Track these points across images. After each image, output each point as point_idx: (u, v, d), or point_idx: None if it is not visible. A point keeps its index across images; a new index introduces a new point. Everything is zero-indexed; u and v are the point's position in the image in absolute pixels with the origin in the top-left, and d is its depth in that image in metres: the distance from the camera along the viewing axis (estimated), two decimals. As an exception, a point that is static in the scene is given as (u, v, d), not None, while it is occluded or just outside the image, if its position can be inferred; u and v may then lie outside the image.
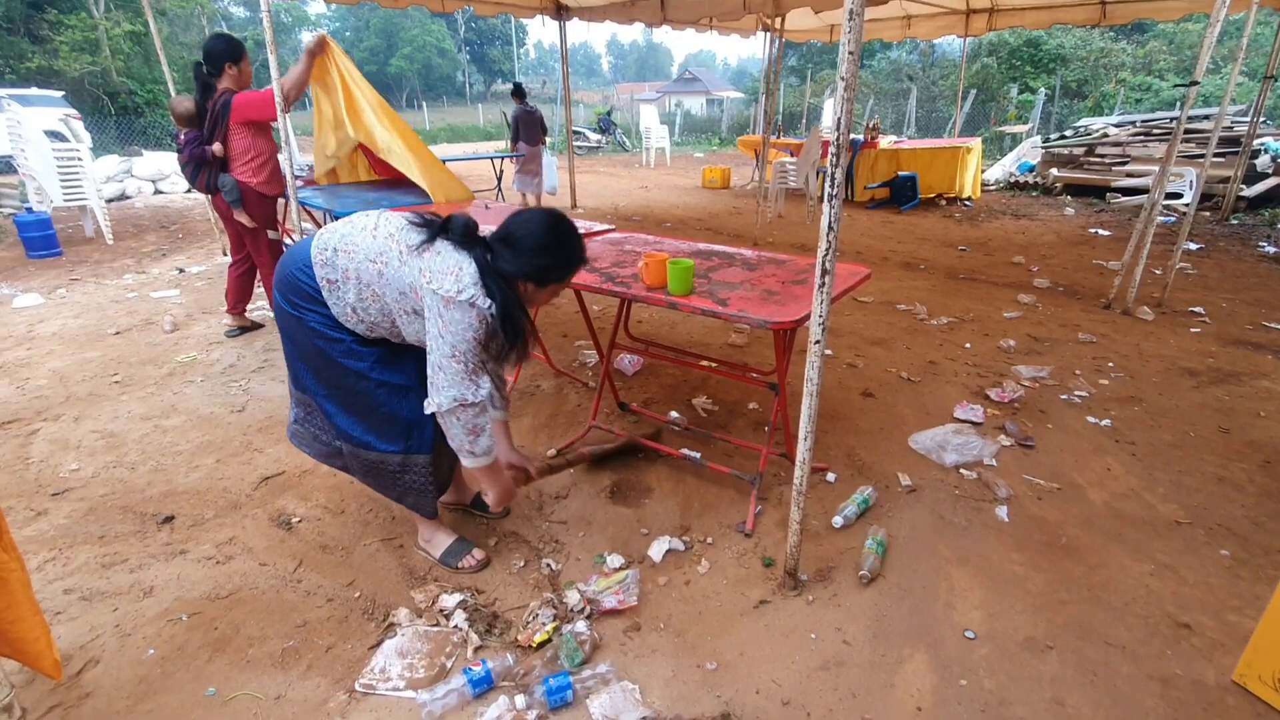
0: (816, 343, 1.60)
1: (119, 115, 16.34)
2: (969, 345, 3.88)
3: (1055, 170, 9.75)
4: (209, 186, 3.67)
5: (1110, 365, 3.58)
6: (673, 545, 2.12)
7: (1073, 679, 1.65)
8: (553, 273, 1.70)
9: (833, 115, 1.50)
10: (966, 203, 8.93)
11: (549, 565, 2.05)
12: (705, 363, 2.95)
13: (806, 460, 1.73)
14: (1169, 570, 2.03)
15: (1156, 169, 6.59)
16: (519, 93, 8.23)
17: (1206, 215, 7.71)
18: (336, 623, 1.83)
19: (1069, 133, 10.41)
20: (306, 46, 3.49)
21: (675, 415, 2.92)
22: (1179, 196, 7.58)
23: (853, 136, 8.96)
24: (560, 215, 1.73)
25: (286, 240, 4.91)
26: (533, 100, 9.14)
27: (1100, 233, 7.05)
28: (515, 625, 1.81)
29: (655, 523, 2.26)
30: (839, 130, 1.45)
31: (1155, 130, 9.07)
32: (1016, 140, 13.18)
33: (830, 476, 2.52)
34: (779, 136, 11.65)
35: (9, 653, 1.33)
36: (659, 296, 2.14)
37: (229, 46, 3.48)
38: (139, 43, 18.15)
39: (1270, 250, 6.17)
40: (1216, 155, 7.26)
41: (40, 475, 2.55)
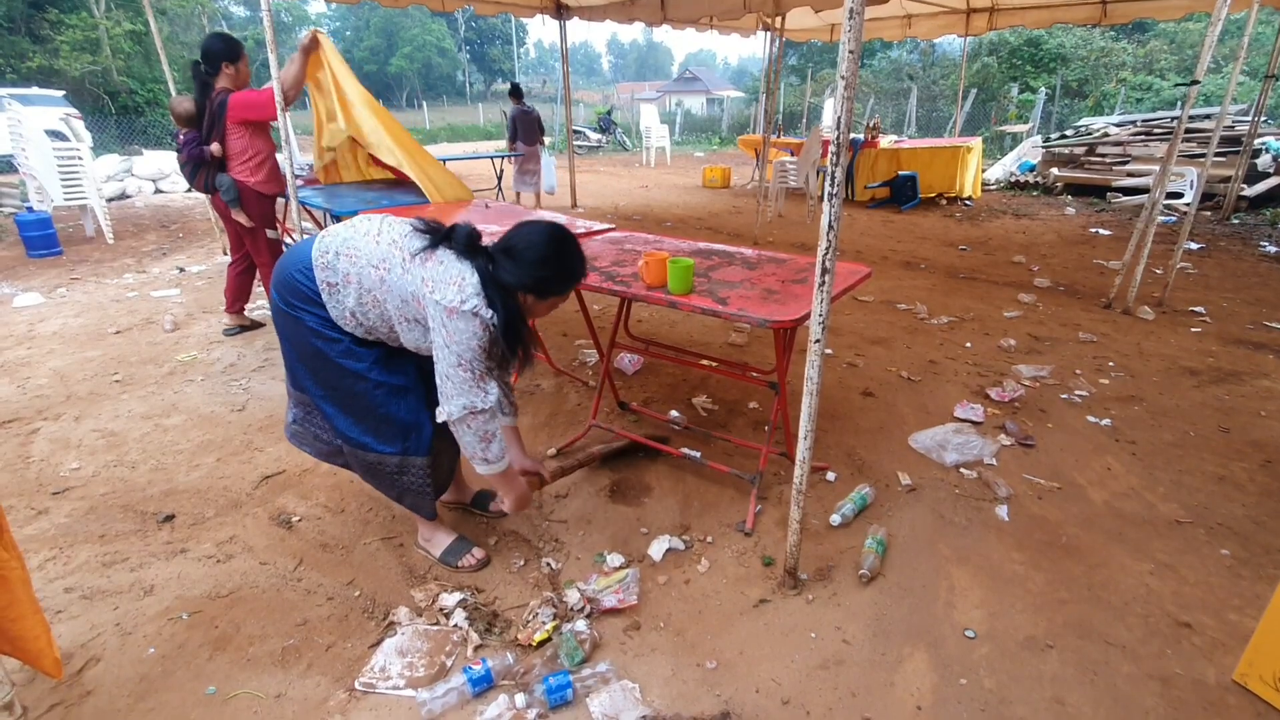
0: (816, 341, 1.60)
1: (119, 114, 16.35)
2: (969, 344, 3.88)
3: (1056, 170, 9.75)
4: (207, 186, 3.67)
5: (1111, 364, 3.58)
6: (673, 544, 2.12)
7: (1073, 678, 1.65)
8: (552, 285, 1.72)
9: (833, 114, 1.50)
10: (967, 202, 8.93)
11: (549, 564, 2.05)
12: (705, 362, 2.95)
13: (806, 459, 1.73)
14: (1169, 569, 2.03)
15: (1157, 168, 6.59)
16: (516, 93, 8.25)
17: (1207, 215, 7.70)
18: (337, 621, 1.83)
19: (1069, 132, 10.41)
20: (300, 43, 3.50)
21: (675, 414, 2.92)
22: (1179, 196, 7.57)
23: (853, 136, 8.95)
24: (562, 229, 1.74)
25: (287, 239, 4.92)
26: (533, 100, 9.17)
27: (1101, 232, 7.05)
28: (515, 624, 1.81)
29: (655, 522, 2.27)
30: (839, 129, 1.45)
31: (1156, 130, 9.07)
32: (1017, 140, 13.17)
33: (830, 476, 2.52)
34: (779, 136, 11.65)
35: (9, 651, 1.33)
36: (659, 295, 2.14)
37: (226, 46, 3.48)
38: (139, 42, 18.16)
39: (1271, 250, 6.16)
40: (1217, 155, 7.27)
41: (41, 474, 2.56)
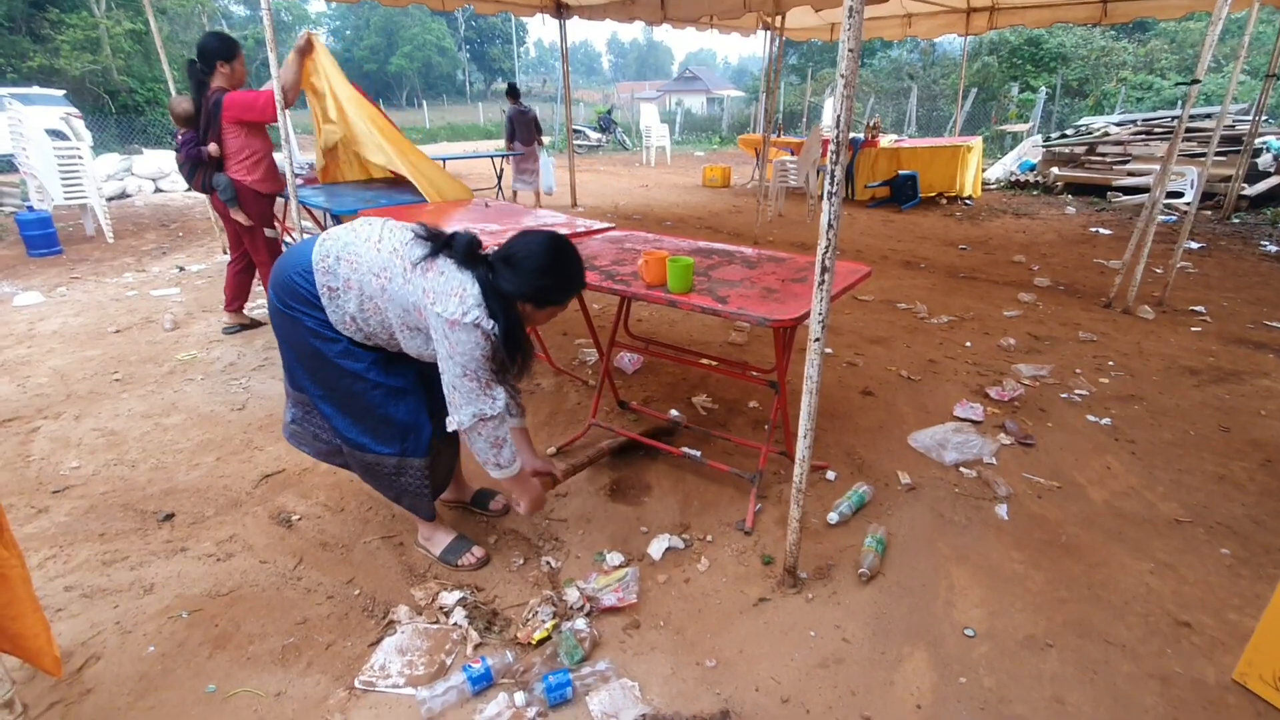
0: (816, 340, 1.60)
1: (119, 113, 16.37)
2: (969, 344, 3.88)
3: (1056, 169, 9.75)
4: (205, 186, 3.67)
5: (1111, 364, 3.57)
6: (672, 543, 2.12)
7: (1072, 677, 1.65)
8: (551, 295, 1.72)
9: (833, 113, 1.50)
10: (967, 201, 8.93)
11: (549, 563, 2.05)
12: (705, 361, 2.95)
13: (806, 458, 1.73)
14: (1169, 569, 2.03)
15: (1158, 168, 6.59)
16: (513, 93, 8.27)
17: (1208, 214, 7.70)
18: (336, 620, 1.83)
19: (1070, 131, 10.41)
20: (296, 45, 3.50)
21: (675, 413, 2.92)
22: (1180, 195, 7.57)
23: (853, 135, 8.95)
24: (561, 239, 1.74)
25: (287, 239, 4.91)
26: (533, 99, 9.21)
27: (1101, 231, 7.05)
28: (515, 622, 1.81)
29: (655, 520, 2.27)
30: (839, 128, 1.45)
31: (1156, 129, 9.07)
32: (1017, 139, 13.17)
33: (830, 475, 2.52)
34: (779, 135, 11.64)
35: (9, 649, 1.33)
36: (658, 294, 2.14)
37: (222, 44, 3.47)
38: (139, 41, 18.17)
39: (1272, 249, 6.16)
40: (1218, 154, 7.25)
41: (41, 473, 2.56)
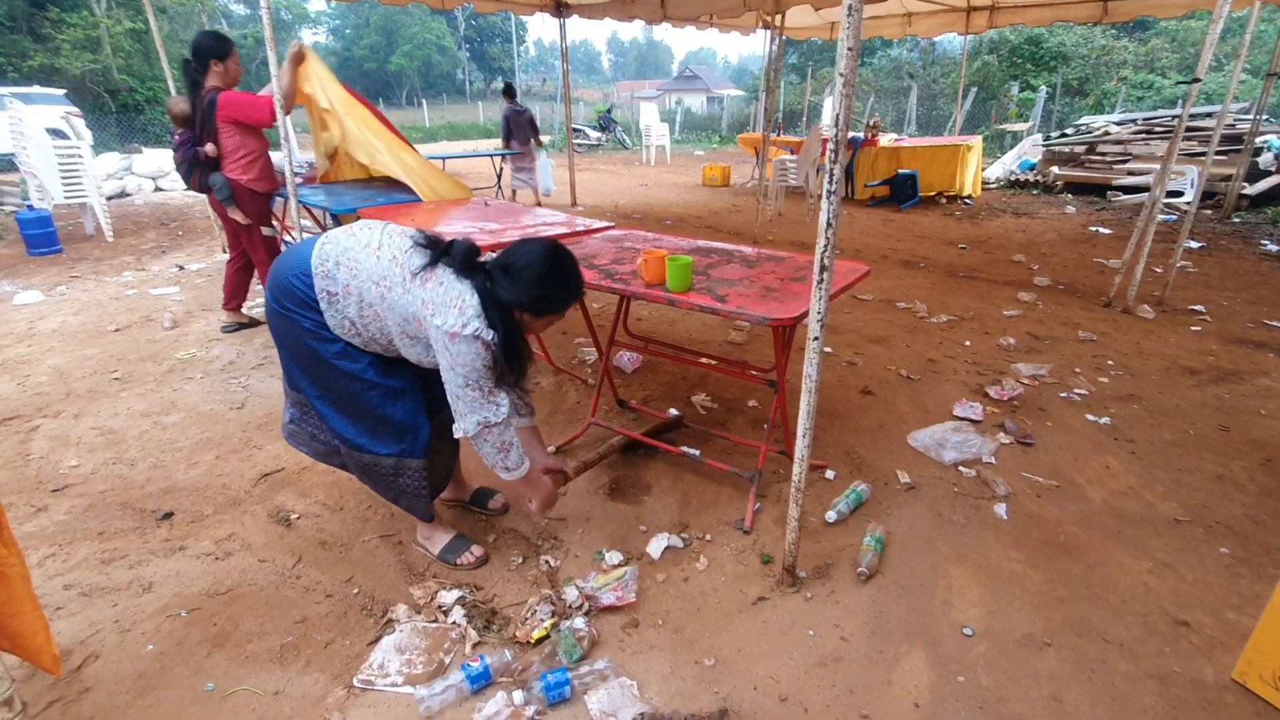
0: (815, 339, 1.60)
1: (119, 112, 16.37)
2: (969, 343, 3.87)
3: (1056, 168, 9.74)
4: (202, 186, 3.67)
5: (1110, 363, 3.57)
6: (671, 542, 2.12)
7: (1071, 676, 1.65)
8: (549, 304, 1.73)
9: (832, 113, 1.49)
10: (967, 201, 8.92)
11: (547, 562, 2.05)
12: (704, 360, 2.95)
13: (805, 457, 1.73)
14: (1168, 568, 2.03)
15: (1158, 167, 6.59)
16: (509, 92, 8.26)
17: (1208, 213, 7.70)
18: (335, 619, 1.83)
19: (1070, 131, 10.40)
20: (290, 53, 3.48)
21: (674, 412, 2.92)
22: (1180, 195, 7.56)
23: (852, 134, 8.95)
24: (560, 248, 1.74)
25: (286, 237, 4.91)
26: (533, 98, 9.22)
27: (1101, 231, 7.04)
28: (514, 621, 1.81)
29: (654, 520, 2.27)
30: (838, 127, 1.45)
31: (1157, 128, 9.06)
32: (1017, 138, 13.16)
33: (829, 474, 2.52)
34: (779, 134, 11.63)
35: (9, 647, 1.33)
36: (657, 293, 2.14)
37: (215, 43, 3.45)
38: (140, 40, 18.15)
39: (1272, 248, 6.16)
40: (1218, 153, 7.24)
41: (40, 471, 2.56)
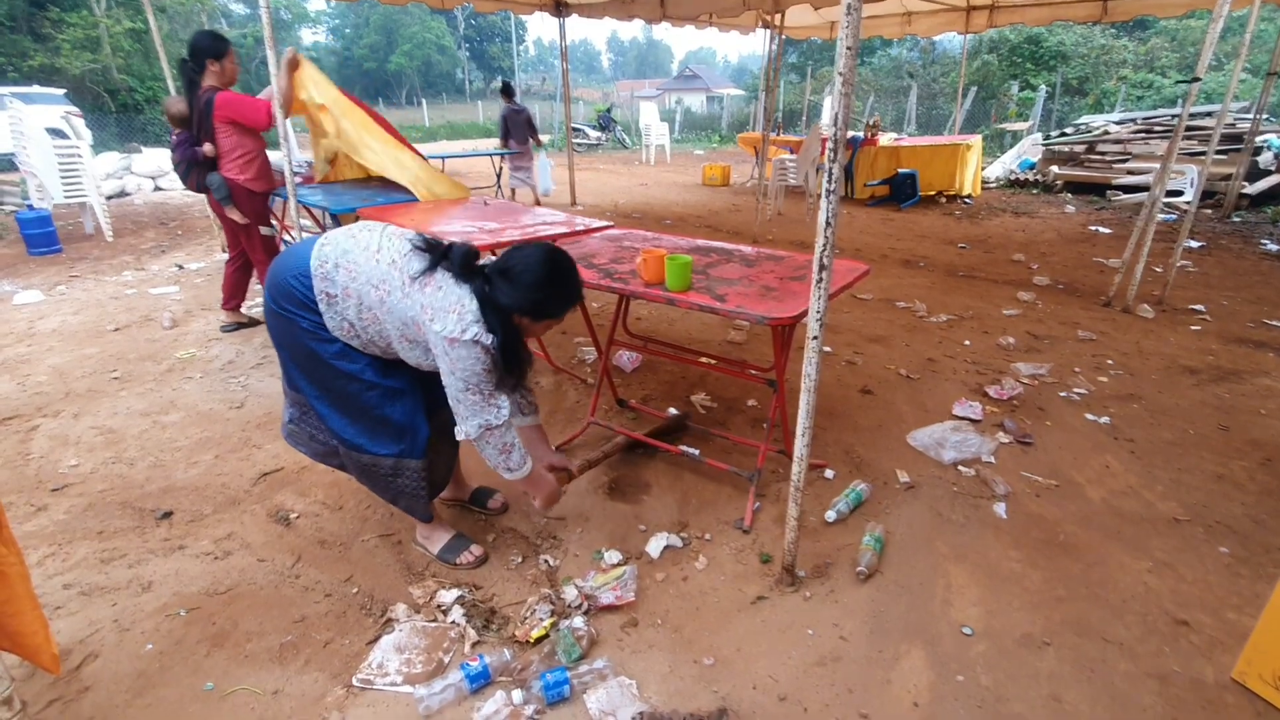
0: (814, 339, 1.60)
1: (119, 112, 16.38)
2: (968, 342, 3.87)
3: (1056, 168, 9.74)
4: (200, 185, 3.66)
5: (1110, 363, 3.57)
6: (670, 541, 2.12)
7: (1070, 676, 1.65)
8: (547, 308, 1.73)
9: (831, 112, 1.49)
10: (966, 200, 8.92)
11: (547, 561, 2.05)
12: (704, 359, 2.95)
13: (804, 457, 1.73)
14: (1167, 568, 2.03)
15: (1157, 166, 6.58)
16: (507, 91, 8.25)
17: (1208, 213, 7.69)
18: (334, 618, 1.83)
19: (1070, 130, 10.40)
20: (284, 60, 3.42)
21: (673, 411, 2.92)
22: (1180, 194, 7.56)
23: (852, 133, 8.95)
24: (559, 252, 1.74)
25: (286, 236, 4.91)
26: (533, 97, 9.21)
27: (1101, 230, 7.04)
28: (513, 621, 1.81)
29: (653, 519, 2.27)
30: (836, 126, 1.45)
31: (1156, 127, 9.06)
32: (1017, 137, 13.16)
33: (828, 473, 2.52)
34: (779, 134, 11.63)
35: (8, 646, 1.33)
36: (656, 292, 2.14)
37: (212, 42, 3.44)
38: (139, 40, 18.16)
39: (1272, 248, 6.15)
40: (1218, 152, 7.24)
41: (40, 471, 2.56)
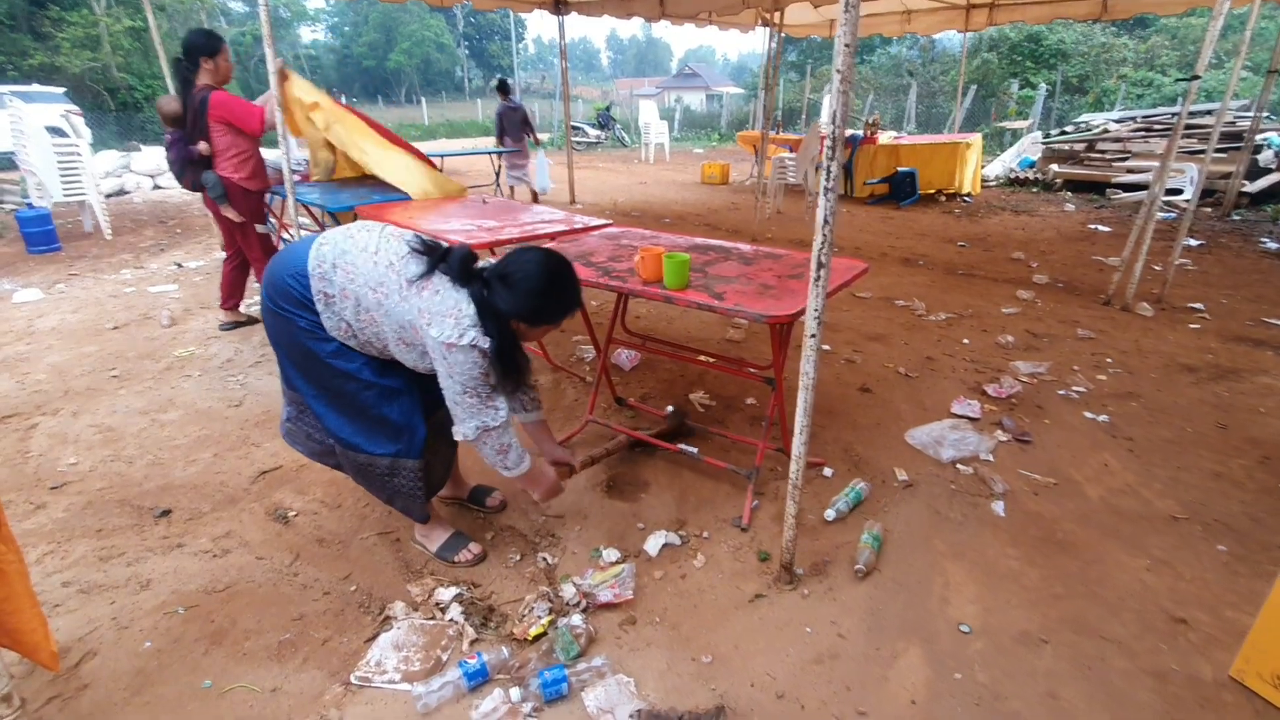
0: (812, 337, 1.60)
1: (119, 110, 16.38)
2: (967, 341, 3.87)
3: (1055, 166, 9.73)
4: (195, 184, 3.66)
5: (1109, 361, 3.57)
6: (669, 539, 2.12)
7: (1067, 673, 1.65)
8: (545, 315, 1.73)
9: (830, 110, 1.49)
10: (966, 198, 8.91)
11: (545, 559, 2.05)
12: (703, 357, 2.95)
13: (803, 455, 1.74)
14: (1165, 566, 2.03)
15: (1157, 164, 6.57)
16: (503, 88, 8.23)
17: (1208, 211, 7.69)
18: (333, 616, 1.83)
19: (1069, 128, 10.40)
20: (277, 70, 3.40)
21: (672, 410, 2.92)
22: (1179, 192, 7.56)
23: (851, 132, 8.94)
24: (558, 258, 1.73)
25: (285, 235, 4.91)
26: (533, 95, 9.21)
27: (1100, 229, 7.04)
28: (511, 618, 1.81)
29: (651, 517, 2.27)
30: (835, 124, 1.45)
31: (1156, 126, 9.05)
32: (1017, 136, 13.15)
33: (827, 471, 2.53)
34: (778, 132, 11.63)
35: (7, 644, 1.33)
36: (655, 291, 2.13)
37: (205, 41, 3.43)
38: (139, 38, 18.16)
39: (1272, 246, 6.15)
40: (1218, 151, 7.25)
41: (39, 469, 2.56)
